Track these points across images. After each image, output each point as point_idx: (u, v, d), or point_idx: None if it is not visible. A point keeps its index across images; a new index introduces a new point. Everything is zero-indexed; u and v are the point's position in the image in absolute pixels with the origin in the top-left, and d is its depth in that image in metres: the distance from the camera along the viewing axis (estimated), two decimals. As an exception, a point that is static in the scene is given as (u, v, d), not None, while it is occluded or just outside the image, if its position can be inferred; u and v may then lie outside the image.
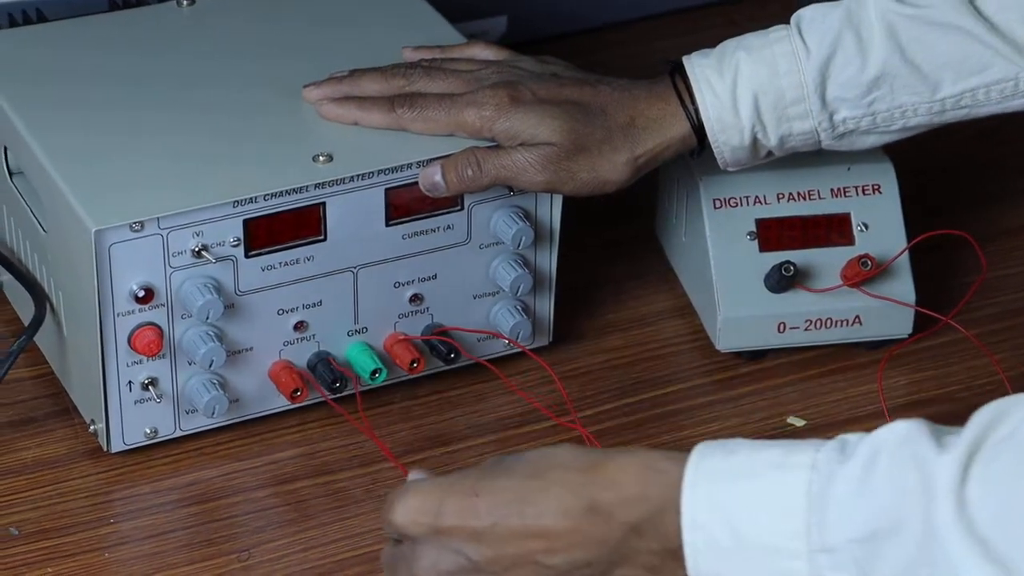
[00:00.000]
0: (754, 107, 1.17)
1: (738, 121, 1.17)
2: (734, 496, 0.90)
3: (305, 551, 1.12)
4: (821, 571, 0.88)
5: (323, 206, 1.15)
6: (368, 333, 1.20)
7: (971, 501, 0.84)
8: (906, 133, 1.20)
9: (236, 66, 1.25)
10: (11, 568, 1.10)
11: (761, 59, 1.17)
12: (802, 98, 1.17)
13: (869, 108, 1.18)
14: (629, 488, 0.92)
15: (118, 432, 1.17)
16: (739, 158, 1.19)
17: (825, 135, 1.19)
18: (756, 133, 1.18)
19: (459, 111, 1.16)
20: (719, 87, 1.17)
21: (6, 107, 1.20)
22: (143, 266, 1.12)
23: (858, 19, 1.17)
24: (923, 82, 1.17)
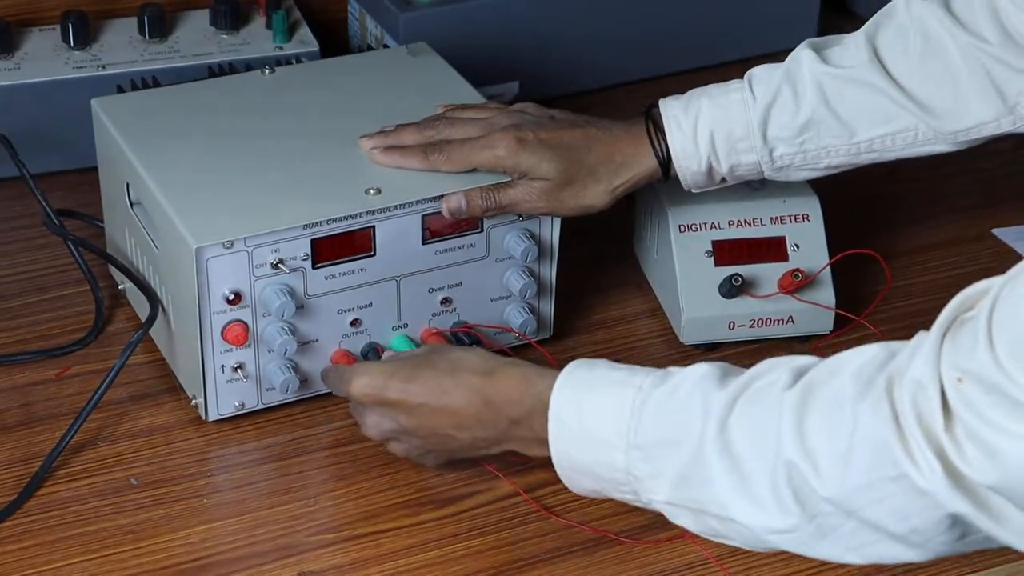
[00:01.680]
0: (710, 141, 1.17)
1: (697, 151, 1.18)
2: (585, 400, 0.98)
3: (358, 499, 1.12)
4: (633, 461, 0.96)
5: (373, 229, 1.15)
6: (408, 328, 1.20)
7: (730, 427, 0.92)
8: (831, 171, 1.20)
9: (306, 120, 1.25)
10: (131, 510, 1.11)
11: (718, 104, 1.18)
12: (748, 135, 1.17)
13: (801, 147, 1.18)
14: (511, 393, 1.01)
15: (214, 405, 1.17)
16: (698, 181, 1.20)
17: (766, 167, 1.19)
18: (711, 161, 1.18)
19: (477, 153, 1.17)
20: (684, 124, 1.18)
21: (128, 152, 1.20)
22: (233, 275, 1.12)
23: (795, 76, 1.18)
24: (843, 128, 1.17)
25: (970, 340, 0.84)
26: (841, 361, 0.91)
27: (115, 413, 1.19)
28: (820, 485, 0.88)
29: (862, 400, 0.88)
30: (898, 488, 0.85)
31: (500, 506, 1.12)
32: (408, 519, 1.11)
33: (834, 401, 0.89)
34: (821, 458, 0.88)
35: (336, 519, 1.11)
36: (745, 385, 0.93)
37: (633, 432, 0.96)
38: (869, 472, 0.86)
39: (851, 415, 0.88)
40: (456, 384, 1.03)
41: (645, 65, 1.58)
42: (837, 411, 0.88)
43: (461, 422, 1.03)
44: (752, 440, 0.91)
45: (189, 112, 1.26)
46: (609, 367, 1.00)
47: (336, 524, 1.10)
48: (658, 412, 0.95)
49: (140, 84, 1.34)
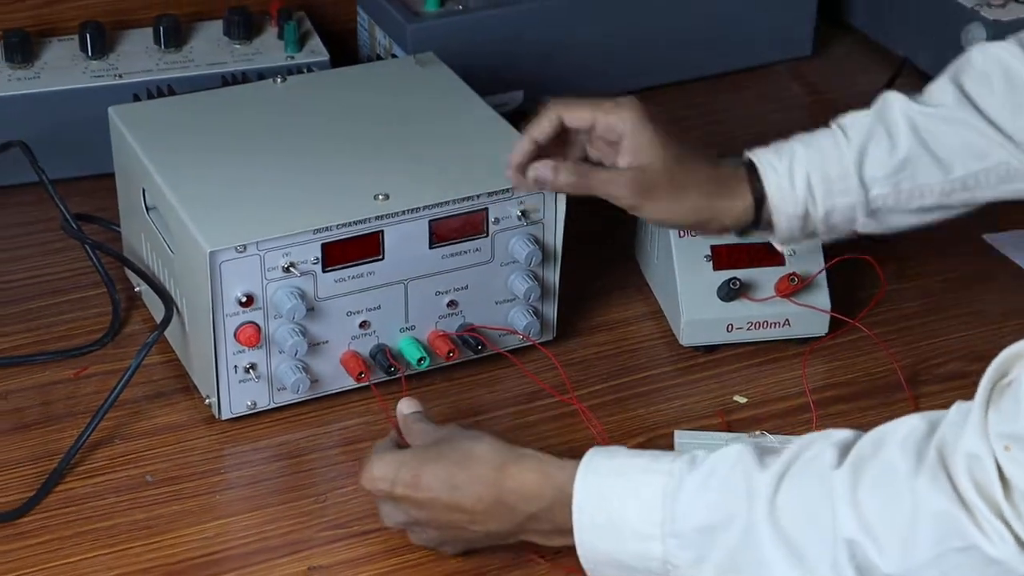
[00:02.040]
0: (806, 182, 1.12)
1: (793, 192, 1.12)
2: (611, 490, 0.93)
3: (367, 496, 1.09)
4: (670, 550, 0.91)
5: (382, 233, 1.14)
6: (416, 330, 1.19)
7: (779, 507, 0.88)
8: (923, 215, 1.15)
9: (316, 127, 1.24)
10: (146, 506, 1.10)
11: (812, 146, 1.13)
12: (844, 176, 1.12)
13: (896, 187, 1.12)
14: (528, 487, 0.96)
15: (227, 404, 1.16)
16: (792, 228, 1.13)
17: (860, 211, 1.13)
18: (807, 205, 1.12)
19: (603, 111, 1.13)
20: (779, 166, 1.13)
21: (144, 158, 1.20)
22: (246, 278, 1.12)
23: (886, 117, 1.13)
24: (938, 165, 1.13)
25: (1012, 406, 0.83)
26: (883, 434, 0.88)
27: (131, 412, 1.18)
28: (883, 561, 0.85)
29: (917, 474, 0.85)
30: (967, 559, 0.83)
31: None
32: (415, 516, 1.09)
33: (887, 475, 0.86)
34: (882, 534, 0.85)
35: (345, 515, 1.10)
36: (788, 464, 0.90)
37: (670, 520, 0.91)
38: (936, 545, 0.84)
39: (908, 489, 0.85)
40: (468, 479, 0.98)
41: (645, 75, 1.57)
42: (892, 485, 0.86)
43: (474, 518, 0.98)
44: (806, 519, 0.87)
45: (203, 120, 1.25)
46: (629, 454, 0.95)
47: (345, 520, 1.09)
48: (696, 497, 0.91)
49: (156, 93, 1.34)
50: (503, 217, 1.18)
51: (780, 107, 1.59)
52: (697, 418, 1.18)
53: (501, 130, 1.24)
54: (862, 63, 1.64)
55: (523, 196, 1.18)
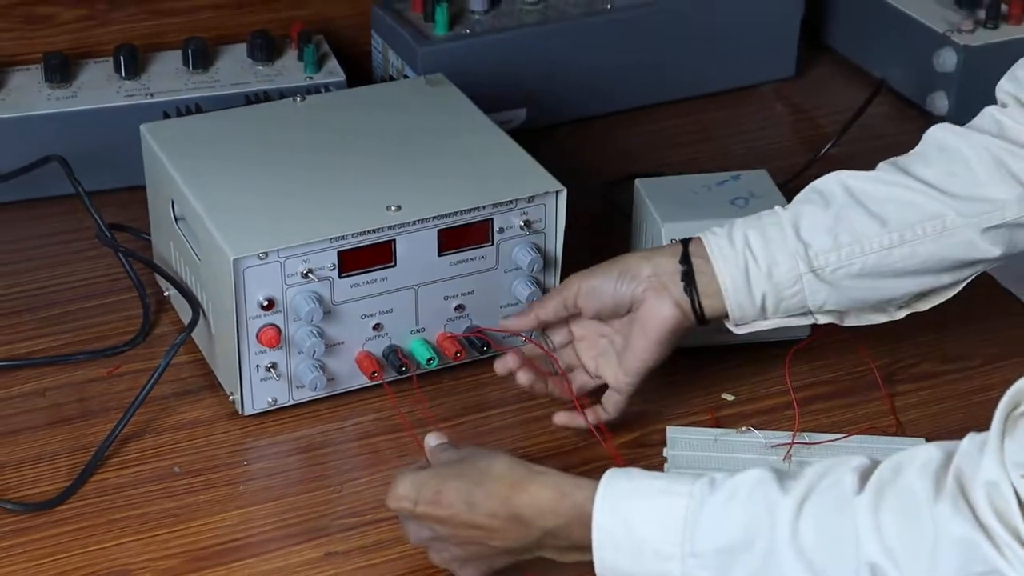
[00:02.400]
0: (744, 239, 1.08)
1: (732, 248, 1.08)
2: (630, 510, 0.91)
3: (379, 486, 1.11)
4: (690, 571, 0.89)
5: (394, 242, 1.15)
6: (425, 331, 1.20)
7: (801, 531, 0.86)
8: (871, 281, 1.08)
9: (333, 143, 1.24)
10: (175, 495, 1.11)
11: (750, 220, 1.10)
12: (782, 234, 1.08)
13: (836, 240, 1.07)
14: (544, 504, 0.94)
15: (249, 400, 1.17)
16: (738, 287, 1.08)
17: (803, 265, 1.07)
18: (747, 261, 1.07)
19: None
20: (719, 232, 1.10)
21: (173, 172, 1.20)
22: (267, 284, 1.12)
23: (818, 186, 1.10)
24: (872, 218, 1.07)
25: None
26: (900, 462, 0.87)
27: (160, 408, 1.19)
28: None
29: (937, 500, 0.84)
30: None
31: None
32: (425, 505, 1.10)
33: (908, 501, 0.85)
34: (904, 559, 0.83)
35: (360, 505, 1.10)
36: (808, 488, 0.88)
37: (690, 541, 0.89)
38: (959, 570, 0.82)
39: (929, 515, 0.84)
40: (484, 495, 0.96)
41: (642, 94, 1.58)
42: (913, 511, 0.84)
43: (491, 534, 0.96)
44: (829, 543, 0.85)
45: (228, 136, 1.25)
46: (647, 476, 0.93)
47: (360, 509, 1.10)
48: (717, 519, 0.89)
49: (184, 111, 1.34)
50: (507, 227, 1.19)
51: (766, 124, 1.59)
52: (688, 414, 1.19)
53: (505, 146, 1.25)
54: (842, 83, 1.64)
55: (526, 207, 1.19)
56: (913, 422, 1.19)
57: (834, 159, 1.50)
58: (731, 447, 1.15)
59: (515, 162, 1.23)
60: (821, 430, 1.17)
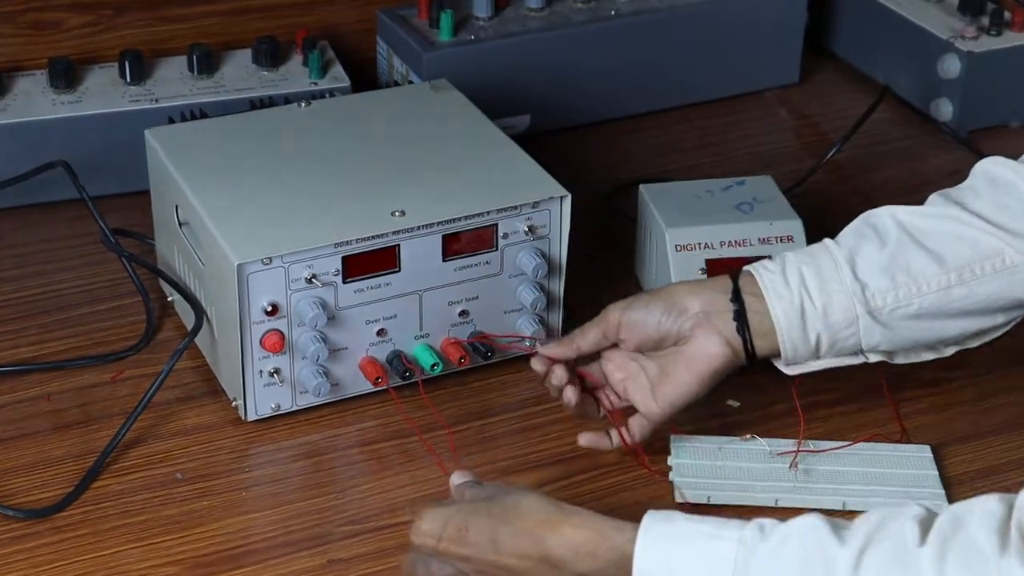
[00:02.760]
0: (799, 276, 1.05)
1: (788, 287, 1.04)
2: (675, 554, 0.87)
3: (383, 492, 1.10)
4: None
5: (398, 247, 1.13)
6: (430, 337, 1.18)
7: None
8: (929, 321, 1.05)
9: (337, 148, 1.23)
10: (177, 502, 1.09)
11: (802, 251, 1.07)
12: (838, 270, 1.04)
13: (893, 280, 1.04)
14: (581, 547, 0.90)
15: (252, 406, 1.15)
16: (792, 326, 1.04)
17: (860, 307, 1.04)
18: (803, 300, 1.04)
19: None
20: (771, 266, 1.06)
21: (177, 177, 1.19)
22: (271, 289, 1.11)
23: (872, 221, 1.06)
24: (930, 256, 1.04)
25: None
26: (960, 514, 0.84)
27: (163, 413, 1.17)
28: None
29: (1004, 554, 0.81)
30: None
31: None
32: (428, 511, 1.08)
33: (973, 555, 0.81)
34: None
35: (363, 511, 1.08)
36: (867, 539, 0.84)
37: None
38: None
39: (996, 569, 0.80)
40: (511, 533, 0.91)
41: (647, 100, 1.56)
42: (980, 566, 0.81)
43: (518, 575, 0.92)
44: None
45: (233, 141, 1.24)
46: (690, 520, 0.89)
47: (363, 516, 1.08)
48: (768, 567, 0.85)
49: (189, 116, 1.33)
50: (511, 232, 1.17)
51: (770, 129, 1.58)
52: (693, 420, 1.16)
53: (510, 151, 1.23)
54: (845, 89, 1.63)
55: (530, 212, 1.17)
56: (919, 429, 1.17)
57: (838, 165, 1.49)
58: (736, 455, 1.13)
59: (520, 167, 1.21)
60: (826, 437, 1.15)
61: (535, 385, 1.19)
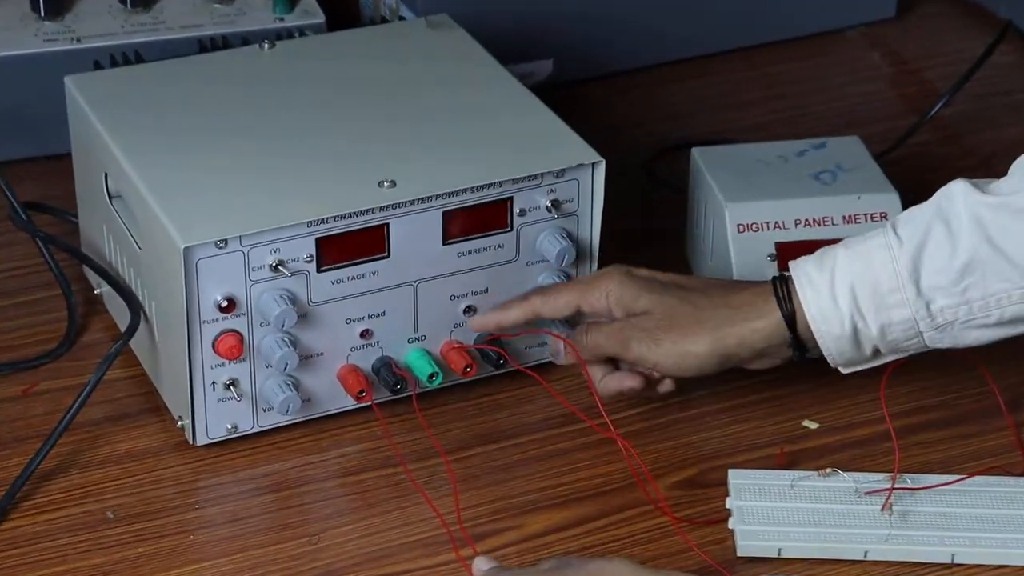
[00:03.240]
0: (851, 297, 1.10)
1: (837, 311, 1.11)
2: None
3: (368, 536, 1.11)
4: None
5: (387, 226, 1.15)
6: (427, 340, 1.20)
7: None
8: (1008, 328, 1.11)
9: (311, 101, 1.24)
10: (107, 548, 1.10)
11: (857, 254, 1.11)
12: (897, 287, 1.10)
13: (963, 296, 1.09)
14: None
15: (203, 427, 1.16)
16: (843, 350, 1.12)
17: (924, 324, 1.10)
18: (856, 322, 1.11)
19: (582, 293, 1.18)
20: (818, 280, 1.12)
21: (107, 137, 1.20)
22: (226, 279, 1.12)
23: (947, 212, 1.10)
24: (1012, 268, 1.08)
25: None
26: None
27: (90, 436, 1.19)
28: None
29: None
30: None
31: (531, 545, 1.11)
32: (425, 559, 1.10)
33: None
34: None
35: (343, 559, 1.10)
36: None
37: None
38: None
39: None
40: None
41: (698, 41, 1.58)
42: None
43: None
44: None
45: (177, 93, 1.25)
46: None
47: (343, 565, 1.10)
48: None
49: (121, 60, 1.34)
50: (530, 208, 1.19)
51: (856, 79, 1.59)
52: (757, 447, 1.19)
53: (528, 105, 1.25)
54: (955, 26, 1.64)
55: (554, 183, 1.19)
56: (1047, 458, 1.18)
57: (945, 122, 1.50)
58: (812, 494, 1.14)
59: (540, 126, 1.23)
60: (930, 469, 1.16)
61: (556, 401, 1.21)
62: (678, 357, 1.15)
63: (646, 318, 1.15)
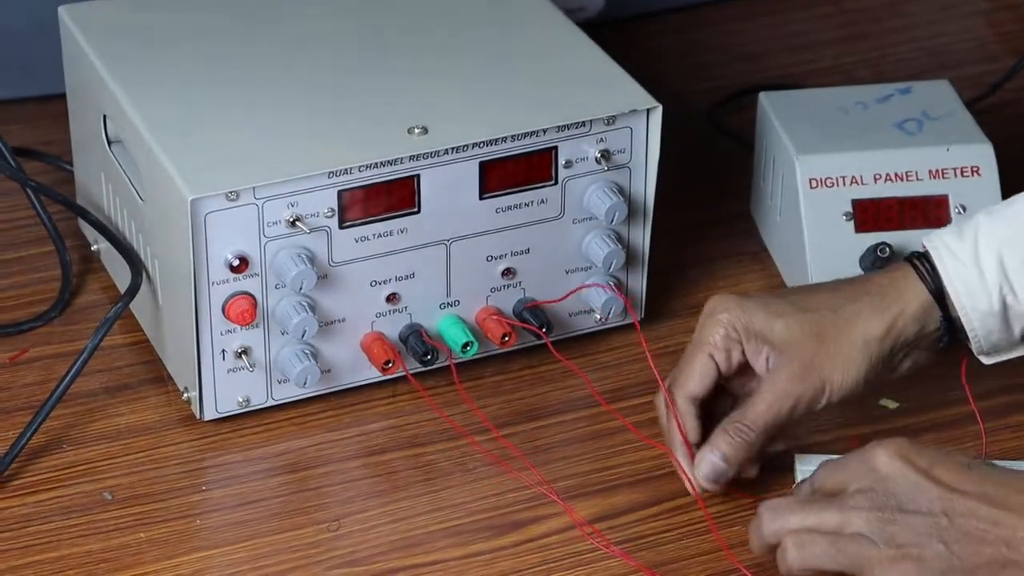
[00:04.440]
0: (999, 267, 1.11)
1: (984, 284, 1.11)
2: None
3: (394, 522, 1.12)
4: None
5: (417, 178, 1.15)
6: (460, 306, 1.20)
7: None
8: None
9: (332, 33, 1.25)
10: (104, 532, 1.11)
11: (1002, 218, 1.12)
12: None
13: None
14: None
15: (211, 400, 1.17)
16: (990, 329, 1.12)
17: None
18: (1005, 295, 1.11)
19: None
20: (960, 251, 1.12)
21: (106, 77, 1.21)
22: (238, 235, 1.13)
23: None
24: None
25: None
26: None
27: (85, 408, 1.20)
28: None
29: None
30: None
31: (575, 535, 1.12)
32: (456, 550, 1.11)
33: None
34: None
35: (364, 548, 1.11)
36: None
37: None
38: None
39: None
40: None
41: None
42: None
43: None
44: None
45: (185, 24, 1.26)
46: None
47: (365, 555, 1.11)
48: None
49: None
50: (577, 159, 1.20)
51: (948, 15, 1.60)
52: (828, 428, 1.19)
53: (575, 44, 1.25)
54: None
55: (604, 131, 1.19)
56: None
57: (1046, 67, 1.50)
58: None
59: (589, 68, 1.23)
60: (1022, 455, 1.17)
61: (607, 375, 1.23)
62: (838, 372, 1.11)
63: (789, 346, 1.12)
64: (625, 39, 1.44)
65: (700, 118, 1.45)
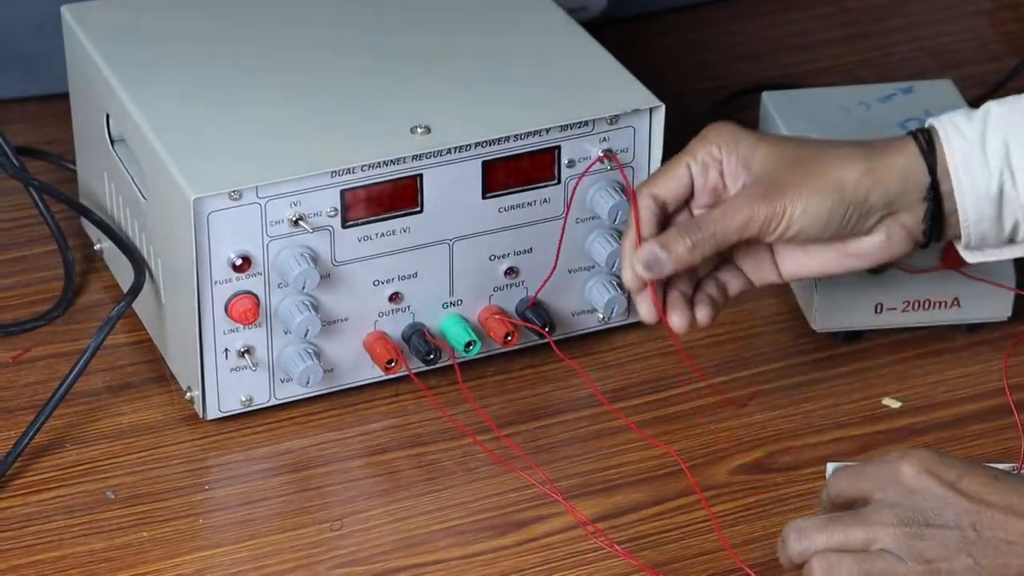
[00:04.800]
0: (1004, 152, 1.10)
1: (985, 164, 1.11)
2: None
3: (396, 522, 1.12)
4: None
5: (420, 177, 1.15)
6: (463, 306, 1.20)
7: None
8: None
9: (335, 33, 1.25)
10: (106, 532, 1.11)
11: (1014, 109, 1.11)
12: None
13: None
14: None
15: (214, 399, 1.18)
16: (982, 215, 1.11)
17: None
18: (1004, 181, 1.10)
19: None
20: (967, 129, 1.11)
21: (108, 76, 1.21)
22: (241, 235, 1.13)
23: None
24: None
25: None
26: None
27: (88, 408, 1.20)
28: None
29: None
30: None
31: (578, 534, 1.12)
32: (458, 549, 1.11)
33: None
34: None
35: (367, 547, 1.11)
36: None
37: None
38: None
39: None
40: None
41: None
42: None
43: None
44: None
45: (188, 24, 1.26)
46: None
47: (367, 554, 1.11)
48: None
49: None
50: (580, 158, 1.20)
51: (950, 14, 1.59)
52: (833, 427, 1.19)
53: (578, 43, 1.25)
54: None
55: (607, 131, 1.19)
56: None
57: (1049, 66, 1.50)
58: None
59: (592, 67, 1.24)
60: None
61: (610, 374, 1.23)
62: (799, 216, 1.11)
63: (765, 174, 1.12)
64: (627, 39, 1.44)
65: (702, 117, 1.45)
